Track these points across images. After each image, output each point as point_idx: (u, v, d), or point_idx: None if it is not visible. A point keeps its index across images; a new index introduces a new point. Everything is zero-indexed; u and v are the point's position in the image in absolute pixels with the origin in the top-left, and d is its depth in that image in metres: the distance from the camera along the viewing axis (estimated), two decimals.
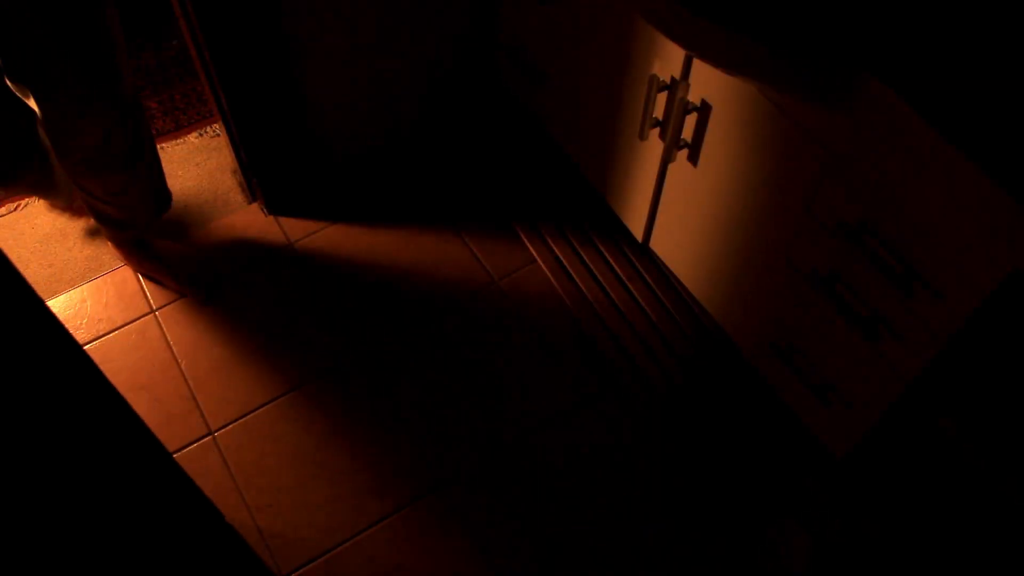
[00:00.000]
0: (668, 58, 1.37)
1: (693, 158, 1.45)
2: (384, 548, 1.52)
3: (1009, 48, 1.05)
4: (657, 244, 1.71)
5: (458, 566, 1.51)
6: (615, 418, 1.66)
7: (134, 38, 2.19)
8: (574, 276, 1.82)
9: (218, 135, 2.04)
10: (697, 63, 1.33)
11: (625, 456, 1.62)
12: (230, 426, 1.65)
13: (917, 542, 1.49)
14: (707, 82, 1.33)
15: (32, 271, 1.84)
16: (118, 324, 1.78)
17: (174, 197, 1.94)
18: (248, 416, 1.66)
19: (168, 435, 1.63)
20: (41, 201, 1.94)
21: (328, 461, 1.61)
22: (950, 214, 1.06)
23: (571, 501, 1.57)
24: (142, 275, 1.82)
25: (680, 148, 1.45)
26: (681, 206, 1.56)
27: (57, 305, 1.80)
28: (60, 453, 1.01)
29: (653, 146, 1.52)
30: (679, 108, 1.37)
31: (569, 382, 1.70)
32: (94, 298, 1.81)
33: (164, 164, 1.99)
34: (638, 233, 1.74)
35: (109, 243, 1.82)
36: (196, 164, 1.99)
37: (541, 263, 1.84)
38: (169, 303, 1.79)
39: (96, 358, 1.70)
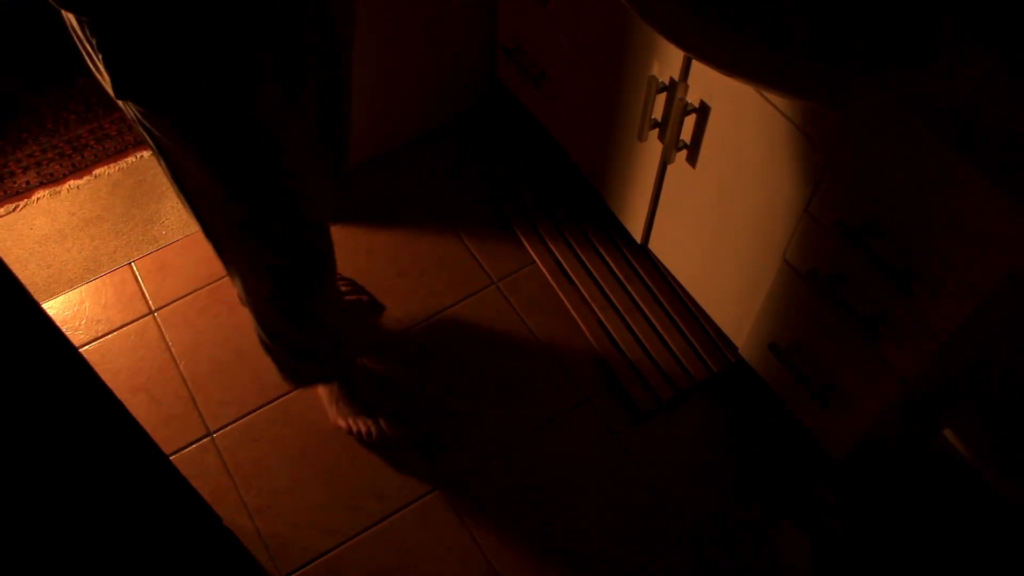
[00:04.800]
0: (667, 59, 1.37)
1: (692, 159, 1.45)
2: (384, 549, 1.52)
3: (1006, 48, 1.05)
4: (656, 245, 1.71)
5: (458, 567, 1.51)
6: (614, 419, 1.65)
7: None
8: (573, 277, 1.82)
9: None
10: (696, 64, 1.33)
11: (624, 457, 1.62)
12: (229, 427, 1.65)
13: (917, 543, 1.49)
14: (706, 83, 1.33)
15: (30, 272, 1.84)
16: (117, 325, 1.77)
17: (174, 198, 1.94)
18: (247, 417, 1.66)
19: (167, 436, 1.63)
20: (39, 202, 1.94)
21: (327, 462, 1.61)
22: (949, 214, 1.06)
23: (572, 502, 1.57)
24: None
25: (679, 149, 1.45)
26: (680, 207, 1.56)
27: (55, 306, 1.80)
28: (56, 456, 1.00)
29: (652, 147, 1.52)
30: (678, 109, 1.37)
31: (568, 383, 1.70)
32: (92, 299, 1.81)
33: None
34: (637, 234, 1.74)
35: None
36: None
37: (540, 264, 1.84)
38: (168, 304, 1.79)
39: (94, 359, 1.70)
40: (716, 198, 1.45)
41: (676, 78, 1.37)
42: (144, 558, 1.28)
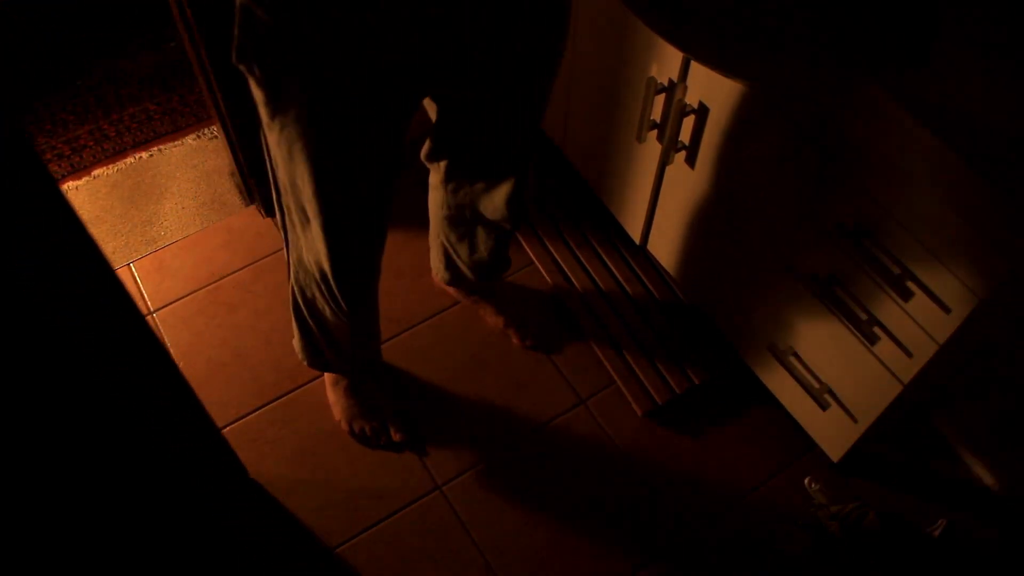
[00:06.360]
0: (666, 60, 1.37)
1: (691, 160, 1.45)
2: (382, 550, 1.52)
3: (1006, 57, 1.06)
4: (655, 246, 1.71)
5: (458, 567, 1.51)
6: (612, 420, 1.66)
7: (132, 39, 2.19)
8: (571, 278, 1.82)
9: (216, 137, 2.04)
10: (695, 65, 1.33)
11: (622, 458, 1.62)
12: (228, 428, 1.64)
13: (916, 542, 1.49)
14: (705, 84, 1.33)
15: None
16: None
17: (172, 198, 1.94)
18: (246, 418, 1.66)
19: None
20: None
21: (326, 463, 1.61)
22: (947, 218, 1.06)
23: (570, 502, 1.57)
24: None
25: (678, 150, 1.45)
26: (679, 208, 1.56)
27: None
28: (114, 406, 1.07)
29: (651, 148, 1.52)
30: (677, 110, 1.37)
31: (567, 384, 1.70)
32: None
33: (162, 167, 1.99)
34: (636, 235, 1.74)
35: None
36: (193, 166, 1.99)
37: (539, 265, 1.84)
38: (166, 305, 1.79)
39: None
40: (715, 199, 1.45)
41: (675, 79, 1.37)
42: (178, 505, 1.35)
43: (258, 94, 1.07)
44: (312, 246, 1.26)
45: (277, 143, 1.12)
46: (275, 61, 1.01)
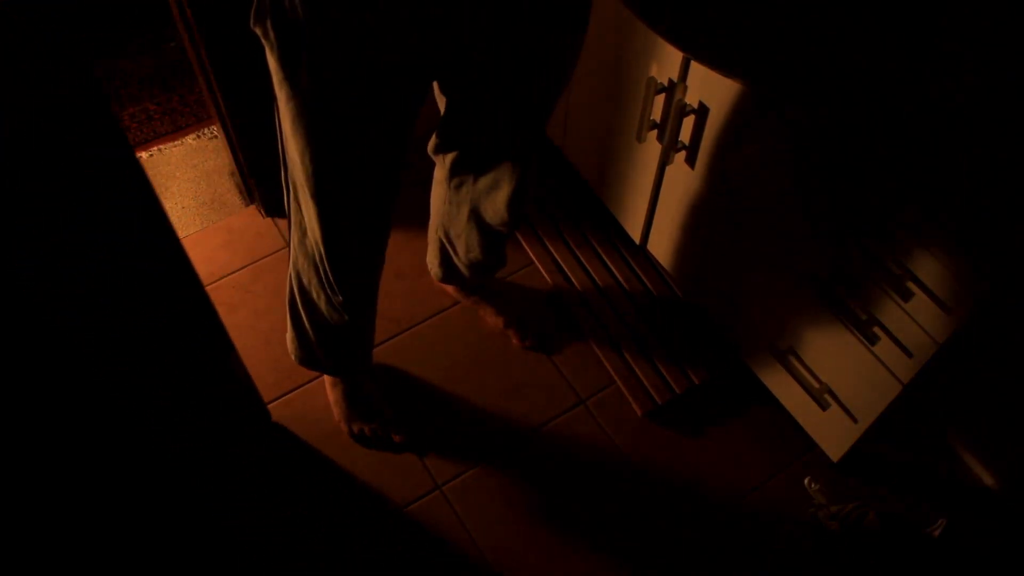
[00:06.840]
0: (666, 60, 1.37)
1: (691, 160, 1.45)
2: (383, 550, 1.52)
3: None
4: (654, 246, 1.71)
5: (458, 567, 1.51)
6: (612, 421, 1.66)
7: (132, 39, 2.18)
8: (571, 278, 1.82)
9: (216, 137, 2.04)
10: (695, 65, 1.34)
11: (622, 458, 1.62)
12: None
13: (916, 542, 1.49)
14: (705, 84, 1.33)
15: None
16: None
17: (172, 198, 1.94)
18: None
19: None
20: None
21: (326, 464, 1.61)
22: (947, 218, 1.06)
23: (571, 502, 1.57)
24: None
25: (678, 150, 1.45)
26: (679, 208, 1.56)
27: None
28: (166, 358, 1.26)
29: (651, 148, 1.52)
30: (677, 110, 1.37)
31: (567, 384, 1.70)
32: None
33: (162, 167, 1.99)
34: (636, 235, 1.74)
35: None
36: (194, 166, 1.99)
37: (539, 265, 1.84)
38: None
39: None
40: (715, 199, 1.45)
41: (675, 79, 1.37)
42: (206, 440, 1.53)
43: (271, 61, 1.07)
44: (313, 225, 1.26)
45: (283, 113, 1.12)
46: (291, 25, 1.01)
